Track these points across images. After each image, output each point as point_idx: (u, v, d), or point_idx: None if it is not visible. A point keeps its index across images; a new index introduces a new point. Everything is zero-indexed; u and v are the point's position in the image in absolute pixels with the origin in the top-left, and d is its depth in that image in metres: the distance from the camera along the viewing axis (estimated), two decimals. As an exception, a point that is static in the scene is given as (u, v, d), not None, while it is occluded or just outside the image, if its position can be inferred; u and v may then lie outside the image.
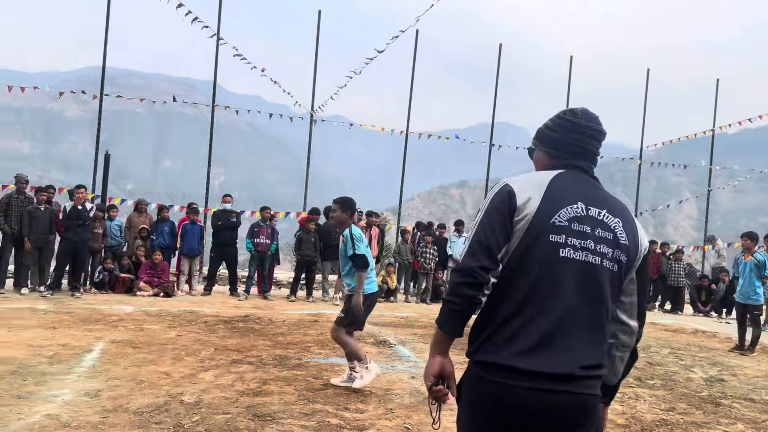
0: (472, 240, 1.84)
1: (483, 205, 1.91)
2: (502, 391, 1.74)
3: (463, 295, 1.79)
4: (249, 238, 11.80)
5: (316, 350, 6.96)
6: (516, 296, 1.79)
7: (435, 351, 1.88)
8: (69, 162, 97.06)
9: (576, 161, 2.00)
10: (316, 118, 15.27)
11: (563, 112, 2.05)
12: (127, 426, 4.05)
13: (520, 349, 1.75)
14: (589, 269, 1.83)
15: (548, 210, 1.83)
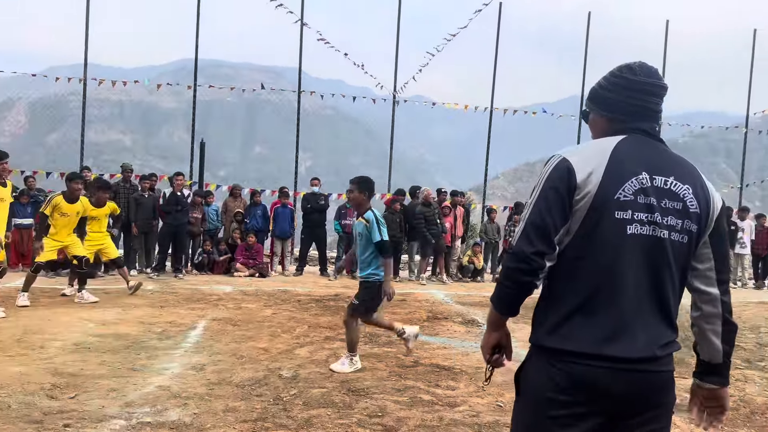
0: (527, 222, 1.73)
1: (538, 182, 1.77)
2: (580, 375, 1.66)
3: (517, 281, 1.73)
4: (337, 220, 12.07)
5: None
6: (584, 279, 1.70)
7: (491, 328, 1.88)
8: (166, 151, 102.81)
9: (638, 123, 1.83)
10: (399, 99, 15.28)
11: (619, 68, 1.87)
12: (231, 398, 4.30)
13: (596, 336, 1.67)
14: (657, 244, 1.71)
15: (612, 184, 1.70)
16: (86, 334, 6.08)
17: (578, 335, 1.68)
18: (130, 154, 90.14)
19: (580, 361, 1.66)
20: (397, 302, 9.02)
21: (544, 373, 1.71)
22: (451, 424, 3.93)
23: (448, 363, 5.46)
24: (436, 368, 5.25)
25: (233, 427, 3.74)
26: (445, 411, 4.18)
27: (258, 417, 3.93)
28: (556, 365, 1.69)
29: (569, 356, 1.67)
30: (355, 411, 4.14)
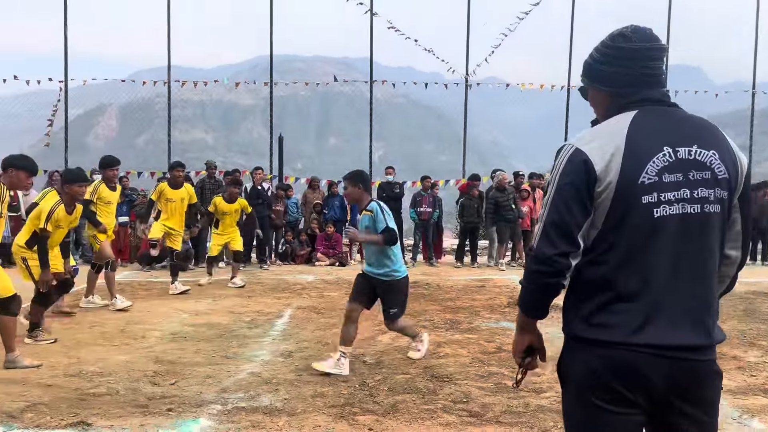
0: (546, 222, 1.64)
1: (553, 178, 1.67)
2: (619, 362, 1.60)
3: (542, 284, 1.67)
4: (412, 208, 12.13)
5: (486, 315, 7.01)
6: (616, 270, 1.62)
7: (521, 332, 1.82)
8: (246, 147, 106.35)
9: (645, 92, 1.71)
10: (471, 83, 15.07)
11: (611, 38, 1.74)
12: (318, 383, 4.45)
13: (632, 325, 1.60)
14: (690, 221, 1.62)
15: (633, 169, 1.60)
16: (182, 324, 6.45)
17: (614, 325, 1.62)
18: (213, 151, 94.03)
19: (618, 348, 1.61)
20: (476, 289, 8.98)
21: (583, 363, 1.67)
22: (538, 410, 3.89)
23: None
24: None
25: (322, 412, 3.87)
26: (531, 397, 4.14)
27: (345, 402, 4.05)
28: (595, 354, 1.64)
29: (606, 345, 1.62)
30: (440, 397, 4.18)
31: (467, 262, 11.94)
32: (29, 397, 4.09)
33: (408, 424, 3.71)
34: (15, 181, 4.87)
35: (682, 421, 1.65)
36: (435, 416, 3.83)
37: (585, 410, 1.67)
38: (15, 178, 4.84)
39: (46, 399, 4.05)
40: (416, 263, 11.90)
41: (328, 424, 3.69)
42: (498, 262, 11.70)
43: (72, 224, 5.95)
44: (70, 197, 5.68)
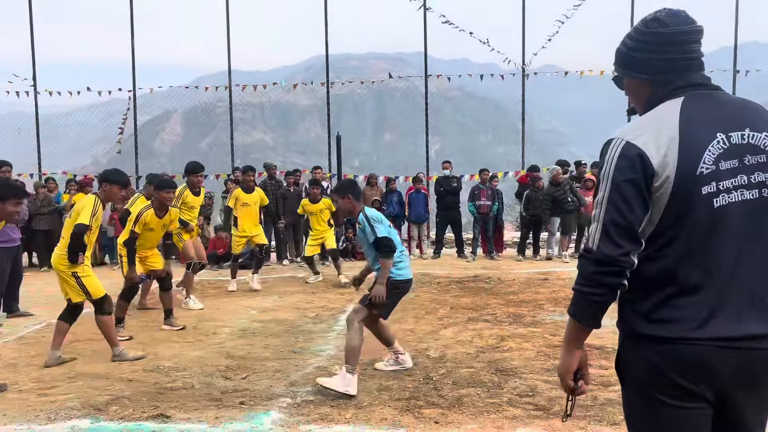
0: (604, 221, 1.57)
1: (606, 174, 1.60)
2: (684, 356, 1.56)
3: (604, 285, 1.59)
4: (471, 201, 12.03)
5: (550, 308, 6.92)
6: (676, 263, 1.57)
7: (572, 346, 1.71)
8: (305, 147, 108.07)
9: (688, 78, 1.64)
10: (528, 72, 14.81)
11: (644, 23, 1.67)
12: (383, 377, 4.52)
13: (696, 318, 1.55)
14: (749, 208, 1.56)
15: (690, 160, 1.54)
16: (250, 320, 6.67)
17: (677, 320, 1.57)
18: (273, 151, 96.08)
19: (682, 343, 1.56)
20: (539, 282, 8.85)
21: (645, 360, 1.61)
22: (606, 404, 3.83)
23: (599, 342, 5.28)
24: (587, 347, 5.09)
25: (388, 405, 3.94)
26: (599, 391, 4.08)
27: (410, 395, 4.10)
28: (657, 350, 1.59)
29: (669, 341, 1.57)
30: (505, 390, 4.17)
31: (529, 255, 11.77)
32: (113, 391, 4.35)
33: (474, 417, 3.73)
34: (109, 195, 5.26)
35: (748, 411, 1.62)
36: (501, 410, 3.83)
37: (651, 408, 1.63)
38: (109, 192, 5.22)
39: (128, 393, 4.30)
40: (476, 257, 11.83)
41: (394, 417, 3.75)
42: (561, 254, 11.48)
43: (167, 227, 6.44)
44: (159, 202, 6.12)
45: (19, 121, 17.17)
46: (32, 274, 10.62)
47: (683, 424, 1.61)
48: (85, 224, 4.95)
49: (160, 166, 47.31)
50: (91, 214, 5.00)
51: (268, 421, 3.76)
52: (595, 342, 5.27)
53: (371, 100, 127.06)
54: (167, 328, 6.25)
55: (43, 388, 4.45)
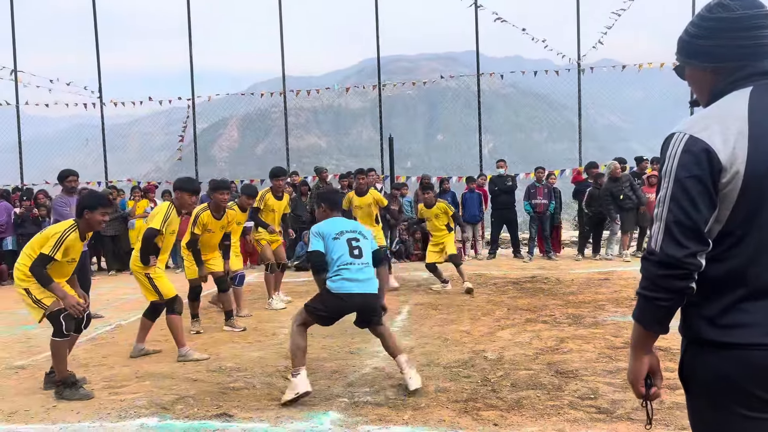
0: (668, 220, 1.48)
1: (669, 170, 1.50)
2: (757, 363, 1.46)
3: (671, 289, 1.50)
4: (526, 200, 11.84)
5: (612, 308, 6.72)
6: (746, 265, 1.47)
7: (639, 352, 1.62)
8: (357, 150, 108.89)
9: (756, 66, 1.53)
10: (584, 67, 14.45)
11: (708, 9, 1.56)
12: (440, 378, 4.50)
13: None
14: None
15: (761, 153, 1.44)
16: (307, 321, 6.76)
17: (748, 324, 1.47)
18: (327, 155, 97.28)
19: (754, 350, 1.46)
20: (600, 282, 8.62)
21: (713, 367, 1.52)
22: (673, 408, 3.69)
23: (665, 344, 5.08)
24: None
25: (446, 407, 3.92)
26: (665, 394, 3.92)
27: (468, 397, 4.07)
28: (725, 357, 1.50)
29: (739, 347, 1.48)
30: (566, 393, 4.08)
31: (588, 254, 11.48)
32: (178, 390, 4.50)
33: (533, 419, 3.66)
34: (181, 202, 5.47)
35: None
36: (561, 412, 3.74)
37: (721, 418, 1.54)
38: (181, 199, 5.44)
39: (192, 392, 4.43)
40: (532, 257, 11.62)
41: (453, 418, 3.73)
42: (622, 253, 11.13)
43: (226, 229, 6.61)
44: (215, 204, 6.31)
45: (86, 132, 18.03)
46: (101, 278, 11.12)
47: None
48: (155, 228, 5.22)
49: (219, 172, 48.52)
50: (162, 219, 5.28)
51: (327, 421, 3.80)
52: (660, 343, 5.07)
53: (422, 101, 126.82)
54: (228, 330, 6.43)
55: (114, 387, 4.64)
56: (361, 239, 4.32)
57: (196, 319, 6.50)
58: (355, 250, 4.25)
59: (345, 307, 4.25)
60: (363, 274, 4.21)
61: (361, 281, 4.19)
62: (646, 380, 1.65)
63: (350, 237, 4.30)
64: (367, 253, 4.30)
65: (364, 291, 4.19)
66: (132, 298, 8.33)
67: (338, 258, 4.20)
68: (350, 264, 4.20)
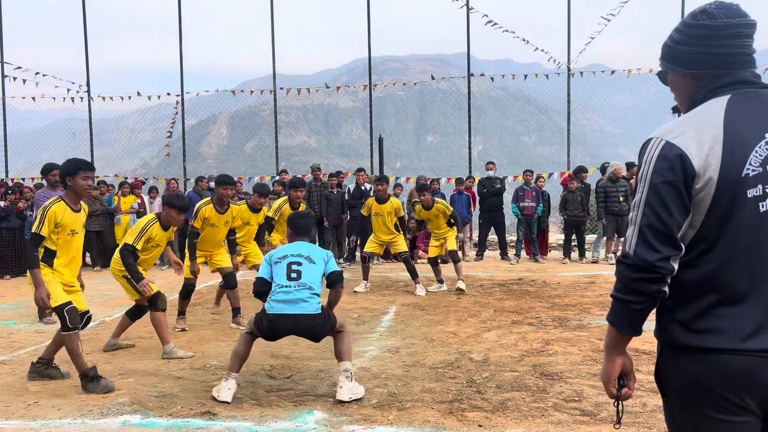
0: (641, 225, 1.51)
1: (644, 175, 1.52)
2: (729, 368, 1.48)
3: (643, 293, 1.52)
4: (514, 203, 11.90)
5: (597, 312, 6.76)
6: (719, 271, 1.49)
7: (613, 353, 1.65)
8: (347, 149, 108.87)
9: (736, 75, 1.55)
10: (573, 71, 14.54)
11: (692, 16, 1.59)
12: (426, 379, 4.50)
13: (742, 329, 1.47)
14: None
15: (735, 161, 1.45)
16: (293, 320, 6.73)
17: (721, 330, 1.49)
18: (316, 154, 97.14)
19: (726, 354, 1.49)
20: (585, 285, 8.67)
21: (687, 371, 1.54)
22: (656, 410, 3.71)
23: (648, 347, 5.13)
24: (635, 352, 4.97)
25: (431, 407, 3.92)
26: (648, 397, 3.96)
27: (453, 398, 4.07)
28: (699, 361, 1.52)
29: (713, 352, 1.50)
30: (550, 395, 4.09)
31: (575, 258, 11.55)
32: (161, 388, 4.46)
33: (518, 421, 3.67)
34: (169, 219, 5.46)
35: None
36: (546, 414, 3.76)
37: (695, 422, 1.56)
38: (168, 216, 5.44)
39: (176, 390, 4.40)
40: (519, 259, 11.67)
41: (437, 419, 3.73)
42: (607, 256, 11.22)
43: (230, 224, 6.55)
44: (219, 199, 6.27)
45: (73, 126, 17.85)
46: (85, 274, 11.02)
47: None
48: (128, 245, 5.25)
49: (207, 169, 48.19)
50: (138, 235, 5.27)
51: (311, 420, 3.78)
52: (644, 347, 5.13)
53: (413, 102, 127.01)
54: (235, 327, 6.37)
55: (96, 383, 4.59)
56: (304, 263, 4.29)
57: (182, 316, 6.45)
58: (293, 273, 4.24)
59: (275, 328, 4.23)
60: (294, 296, 4.17)
61: (291, 302, 4.15)
62: (619, 381, 1.68)
63: (292, 261, 4.29)
64: (307, 275, 4.24)
65: (293, 312, 4.15)
66: (116, 294, 8.26)
67: (277, 281, 4.25)
68: (285, 287, 4.20)
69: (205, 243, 6.42)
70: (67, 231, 4.45)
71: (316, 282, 4.27)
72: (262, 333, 4.27)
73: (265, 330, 4.23)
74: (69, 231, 4.46)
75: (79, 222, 4.55)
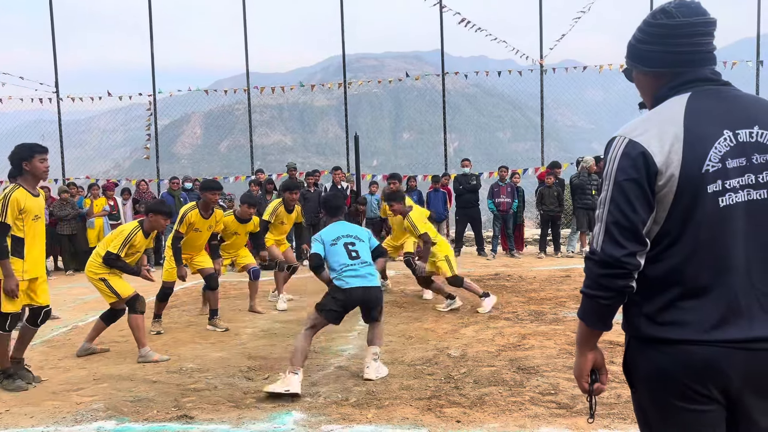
0: (607, 221, 1.54)
1: (609, 173, 1.56)
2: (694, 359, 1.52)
3: (611, 288, 1.55)
4: (490, 199, 11.98)
5: (572, 305, 6.85)
6: (682, 265, 1.53)
7: (584, 348, 1.68)
8: (323, 147, 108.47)
9: (696, 73, 1.59)
10: (546, 67, 14.68)
11: (652, 15, 1.63)
12: (404, 376, 4.51)
13: (705, 321, 1.51)
14: (756, 208, 1.52)
15: (696, 158, 1.49)
16: (272, 321, 6.71)
17: (685, 322, 1.53)
18: (292, 153, 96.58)
19: (691, 345, 1.53)
20: (561, 279, 8.77)
21: (653, 362, 1.58)
22: (630, 401, 3.77)
23: (622, 339, 5.22)
24: (609, 344, 5.05)
25: (409, 405, 3.93)
26: (622, 389, 4.02)
27: (432, 395, 4.09)
28: (665, 353, 1.55)
29: (678, 343, 1.54)
30: (527, 389, 4.14)
31: (550, 252, 11.68)
32: (136, 392, 4.40)
33: (495, 416, 3.71)
34: (154, 225, 5.43)
35: (759, 416, 1.57)
36: (523, 408, 3.80)
37: (662, 411, 1.60)
38: (155, 222, 5.42)
39: (152, 394, 4.35)
40: (496, 255, 11.76)
41: (416, 416, 3.74)
42: (582, 250, 11.37)
43: (213, 228, 6.53)
44: (204, 203, 6.22)
45: (43, 128, 17.47)
46: (58, 278, 10.81)
47: (697, 426, 1.57)
48: (112, 253, 5.25)
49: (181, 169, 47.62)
50: (122, 243, 5.27)
51: (290, 421, 3.77)
52: (618, 339, 5.21)
53: (388, 100, 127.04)
54: (211, 329, 6.32)
55: (70, 390, 4.52)
56: (357, 242, 4.76)
57: (158, 320, 6.38)
58: (353, 252, 4.69)
59: (350, 300, 4.62)
60: (362, 272, 4.64)
61: (362, 277, 4.61)
62: (591, 375, 1.70)
63: (346, 242, 4.73)
64: (362, 253, 4.72)
65: (365, 285, 4.60)
66: (90, 298, 8.12)
67: (340, 261, 4.65)
68: (351, 266, 4.64)
69: (188, 247, 6.38)
70: (31, 216, 4.41)
71: (369, 257, 4.76)
72: (335, 312, 4.59)
73: (339, 306, 4.58)
74: (33, 216, 4.43)
75: (40, 207, 4.53)
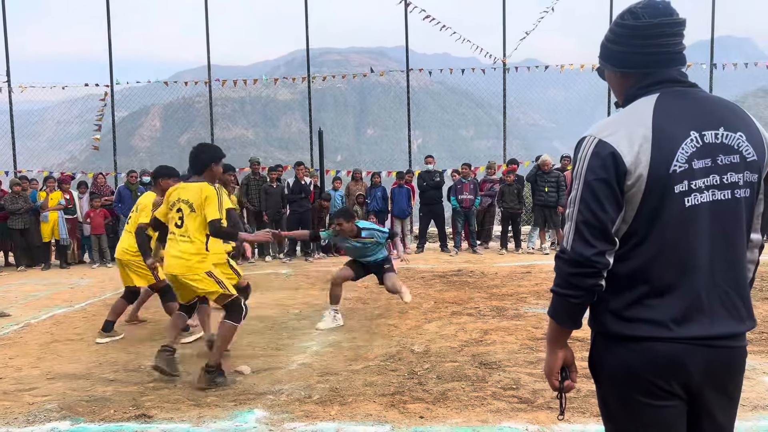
0: (577, 221, 1.56)
1: (579, 173, 1.57)
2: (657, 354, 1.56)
3: (581, 287, 1.58)
4: (453, 196, 12.07)
5: (533, 301, 6.96)
6: (648, 263, 1.56)
7: (554, 346, 1.71)
8: (286, 142, 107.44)
9: (663, 73, 1.62)
10: (509, 66, 14.85)
11: (620, 16, 1.65)
12: (368, 373, 4.51)
13: (669, 318, 1.55)
14: (721, 208, 1.56)
15: (663, 159, 1.52)
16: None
17: (650, 320, 1.57)
18: (255, 147, 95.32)
19: (655, 342, 1.57)
20: (522, 275, 8.90)
21: (618, 359, 1.62)
22: (590, 396, 3.85)
23: (582, 334, 5.31)
24: (571, 340, 5.14)
25: (373, 401, 3.93)
26: (582, 382, 4.08)
27: (395, 391, 4.10)
28: (630, 349, 1.59)
29: (643, 340, 1.58)
30: (489, 384, 4.18)
31: (511, 249, 11.85)
32: (93, 392, 4.28)
33: (458, 411, 3.73)
34: (166, 189, 5.17)
35: (718, 412, 1.63)
36: (485, 403, 3.84)
37: (626, 406, 1.63)
38: (165, 186, 5.31)
39: (108, 393, 4.23)
40: (459, 251, 11.86)
41: (379, 412, 3.74)
42: (542, 247, 11.57)
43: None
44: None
45: (-7, 118, 16.77)
46: (8, 274, 10.44)
47: (659, 421, 1.61)
48: (145, 223, 5.35)
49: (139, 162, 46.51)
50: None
51: (252, 419, 3.72)
52: (578, 334, 5.31)
53: (353, 95, 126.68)
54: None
55: (22, 390, 4.37)
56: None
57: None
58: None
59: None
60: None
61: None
62: (561, 373, 1.73)
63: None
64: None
65: None
66: (42, 295, 7.86)
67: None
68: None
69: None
70: None
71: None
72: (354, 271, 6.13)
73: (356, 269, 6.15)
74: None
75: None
